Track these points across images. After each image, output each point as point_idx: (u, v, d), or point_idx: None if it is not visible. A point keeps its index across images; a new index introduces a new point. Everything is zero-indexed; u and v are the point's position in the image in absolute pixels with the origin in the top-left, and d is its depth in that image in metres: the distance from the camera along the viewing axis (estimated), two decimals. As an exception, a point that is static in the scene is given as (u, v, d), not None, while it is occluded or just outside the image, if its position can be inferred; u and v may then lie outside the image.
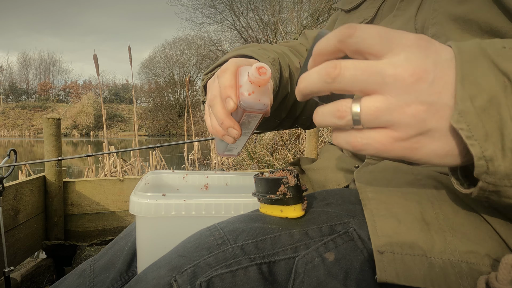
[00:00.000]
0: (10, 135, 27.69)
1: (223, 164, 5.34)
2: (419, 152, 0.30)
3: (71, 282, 0.59)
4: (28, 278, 1.52)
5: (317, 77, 0.31)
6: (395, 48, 0.29)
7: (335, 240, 0.38)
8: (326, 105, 0.33)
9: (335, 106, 0.31)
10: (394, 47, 0.29)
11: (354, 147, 0.31)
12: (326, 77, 0.30)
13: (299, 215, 0.41)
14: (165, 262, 0.40)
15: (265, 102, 0.41)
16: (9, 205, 1.45)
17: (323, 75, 0.30)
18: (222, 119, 0.43)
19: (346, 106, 0.30)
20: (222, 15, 16.75)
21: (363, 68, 0.29)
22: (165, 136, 27.70)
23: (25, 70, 40.27)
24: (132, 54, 4.52)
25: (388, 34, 0.29)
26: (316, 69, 0.31)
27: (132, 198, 0.49)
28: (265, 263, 0.37)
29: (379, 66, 0.28)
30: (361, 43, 0.29)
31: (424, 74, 0.28)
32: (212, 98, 0.45)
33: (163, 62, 31.84)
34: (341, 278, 0.35)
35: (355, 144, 0.31)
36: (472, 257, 0.33)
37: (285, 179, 0.41)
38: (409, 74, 0.28)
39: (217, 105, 0.44)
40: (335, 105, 0.31)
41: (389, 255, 0.33)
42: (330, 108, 0.32)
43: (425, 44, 0.29)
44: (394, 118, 0.29)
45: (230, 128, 0.43)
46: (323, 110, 0.33)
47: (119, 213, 1.90)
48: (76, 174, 5.66)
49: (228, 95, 0.41)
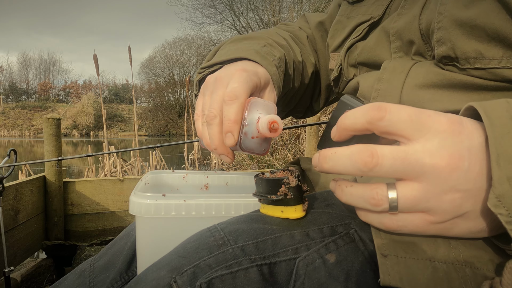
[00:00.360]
0: (10, 135, 27.69)
1: (223, 164, 5.34)
2: (453, 231, 0.31)
3: (71, 282, 0.58)
4: (28, 278, 1.52)
5: (350, 163, 0.30)
6: (427, 133, 0.29)
7: (336, 241, 0.38)
8: (356, 187, 0.31)
9: (369, 193, 0.30)
10: (426, 132, 0.29)
11: (388, 228, 0.32)
12: (363, 167, 0.29)
13: (300, 216, 0.41)
14: (165, 263, 0.39)
15: (265, 147, 0.40)
16: (9, 205, 1.45)
17: (359, 163, 0.29)
18: (216, 146, 0.43)
19: (382, 194, 0.30)
20: (222, 15, 16.76)
21: (402, 158, 0.28)
22: (165, 136, 27.70)
23: (25, 70, 40.29)
24: (132, 54, 4.52)
25: (420, 118, 0.29)
26: (348, 153, 0.30)
27: (131, 198, 0.49)
28: (265, 264, 0.36)
29: (417, 156, 0.28)
30: (392, 127, 0.29)
31: (460, 162, 0.28)
32: (212, 117, 0.43)
33: (163, 62, 31.87)
34: (342, 280, 0.35)
35: (390, 226, 0.32)
36: (476, 262, 0.33)
37: (286, 180, 0.40)
38: (446, 163, 0.28)
39: (215, 129, 0.42)
40: (369, 191, 0.30)
41: (392, 259, 0.33)
42: (363, 193, 0.31)
43: (458, 128, 0.29)
44: (431, 205, 0.29)
45: (222, 155, 0.43)
46: (352, 192, 0.32)
47: (119, 213, 1.90)
48: (76, 174, 5.66)
49: (230, 130, 0.40)
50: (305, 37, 0.73)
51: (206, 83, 0.49)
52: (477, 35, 0.39)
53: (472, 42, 0.40)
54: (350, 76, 0.60)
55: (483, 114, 0.29)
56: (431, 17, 0.45)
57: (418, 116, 0.29)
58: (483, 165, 0.28)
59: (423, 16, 0.46)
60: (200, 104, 0.49)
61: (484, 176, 0.28)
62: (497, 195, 0.27)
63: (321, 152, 0.32)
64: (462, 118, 0.30)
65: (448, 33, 0.41)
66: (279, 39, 0.64)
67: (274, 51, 0.56)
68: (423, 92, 0.44)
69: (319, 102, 0.80)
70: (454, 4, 0.41)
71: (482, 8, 0.38)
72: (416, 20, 0.47)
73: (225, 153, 0.43)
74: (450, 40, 0.41)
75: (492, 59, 0.38)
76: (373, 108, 0.30)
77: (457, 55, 0.40)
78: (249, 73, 0.46)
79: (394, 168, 0.28)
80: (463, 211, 0.29)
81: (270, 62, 0.53)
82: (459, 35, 0.40)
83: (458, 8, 0.40)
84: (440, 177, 0.28)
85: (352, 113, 0.31)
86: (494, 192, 0.27)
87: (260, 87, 0.49)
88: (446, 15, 0.41)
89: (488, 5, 0.38)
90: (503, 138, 0.27)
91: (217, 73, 0.49)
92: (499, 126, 0.28)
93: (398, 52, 0.50)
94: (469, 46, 0.39)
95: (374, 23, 0.57)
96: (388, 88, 0.47)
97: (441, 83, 0.43)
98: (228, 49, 0.56)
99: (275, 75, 0.53)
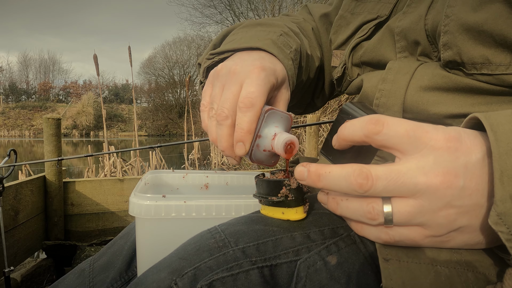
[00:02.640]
0: (10, 135, 27.69)
1: (223, 164, 5.34)
2: (450, 243, 0.31)
3: (70, 281, 0.58)
4: (28, 278, 1.52)
5: (345, 184, 0.30)
6: (423, 149, 0.29)
7: (338, 243, 0.38)
8: (352, 201, 0.32)
9: (365, 207, 0.31)
10: (422, 148, 0.29)
11: (384, 242, 0.32)
12: (358, 188, 0.30)
13: (301, 217, 0.41)
14: (165, 265, 0.39)
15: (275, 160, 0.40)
16: (9, 205, 1.44)
17: (355, 185, 0.30)
18: (224, 148, 0.41)
19: (378, 209, 0.30)
20: (222, 15, 16.77)
21: (395, 179, 0.29)
22: (165, 136, 27.70)
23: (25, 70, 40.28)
24: (132, 54, 4.52)
25: (416, 134, 0.29)
26: (343, 174, 0.30)
27: (131, 199, 0.49)
28: (266, 266, 0.36)
29: (411, 174, 0.28)
30: (388, 142, 0.29)
31: (455, 180, 0.28)
32: (223, 118, 0.41)
33: (163, 62, 31.87)
34: (344, 282, 0.35)
35: (386, 239, 0.32)
36: (478, 266, 0.33)
37: (287, 181, 0.40)
38: (440, 181, 0.28)
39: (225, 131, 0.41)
40: (365, 206, 0.31)
41: (394, 263, 0.33)
42: (359, 207, 0.32)
43: (454, 145, 0.29)
44: (426, 220, 0.29)
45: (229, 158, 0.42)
46: (349, 206, 0.33)
47: (119, 213, 1.90)
48: (76, 174, 5.65)
49: (242, 140, 0.39)
50: (310, 29, 0.69)
51: (217, 73, 0.45)
52: (484, 40, 0.38)
53: (479, 47, 0.39)
54: (354, 75, 0.59)
55: (488, 129, 0.28)
56: (437, 19, 0.44)
57: (415, 131, 0.29)
58: (480, 181, 0.28)
59: (429, 17, 0.45)
60: (208, 94, 0.46)
61: (480, 192, 0.28)
62: (498, 213, 0.26)
63: (311, 169, 0.33)
64: (461, 133, 0.30)
65: (454, 37, 0.40)
66: (293, 26, 0.60)
67: (291, 41, 0.53)
68: (428, 95, 0.43)
69: (321, 98, 0.77)
70: (461, 7, 0.40)
71: (491, 12, 0.37)
72: (421, 20, 0.46)
73: (233, 157, 0.42)
74: (456, 45, 0.40)
75: (500, 65, 0.38)
76: (371, 122, 0.30)
77: (464, 61, 0.40)
78: (267, 72, 0.43)
79: (388, 189, 0.29)
80: (458, 225, 0.30)
81: (287, 55, 0.50)
82: (466, 40, 0.39)
83: (465, 12, 0.39)
84: (434, 194, 0.28)
85: (351, 125, 0.32)
86: (495, 209, 0.27)
87: (276, 87, 0.46)
88: (453, 19, 0.40)
89: (496, 9, 0.37)
90: (507, 155, 0.27)
91: (231, 63, 0.44)
92: (504, 142, 0.27)
93: (403, 52, 0.49)
94: (476, 52, 0.39)
95: (380, 23, 0.55)
96: (392, 89, 0.46)
97: (447, 86, 0.42)
98: (242, 36, 0.52)
99: (290, 70, 0.50)
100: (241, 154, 0.40)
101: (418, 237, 0.31)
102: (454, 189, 0.28)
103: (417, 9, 0.48)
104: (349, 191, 0.30)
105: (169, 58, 31.47)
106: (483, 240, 0.31)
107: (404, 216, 0.30)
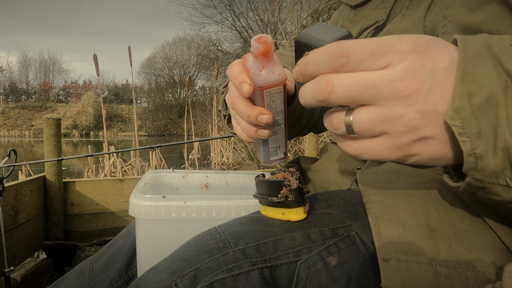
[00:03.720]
0: (10, 135, 27.68)
1: (223, 164, 5.34)
2: (414, 158, 0.30)
3: (70, 281, 0.58)
4: (28, 278, 1.52)
5: (311, 94, 0.31)
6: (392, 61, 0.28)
7: (338, 244, 0.38)
8: (326, 113, 0.33)
9: (330, 117, 0.32)
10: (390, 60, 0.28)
11: (350, 154, 0.32)
12: (319, 95, 0.30)
13: (301, 218, 0.41)
14: (165, 265, 0.39)
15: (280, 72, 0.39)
16: (9, 205, 1.44)
17: (316, 93, 0.30)
18: (247, 112, 0.41)
19: (340, 118, 0.31)
20: (222, 15, 16.78)
21: (357, 84, 0.28)
22: (165, 136, 27.70)
23: (25, 70, 40.27)
24: (132, 54, 4.51)
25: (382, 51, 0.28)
26: (309, 84, 0.31)
27: (131, 200, 0.49)
28: (266, 267, 0.36)
29: (374, 79, 0.28)
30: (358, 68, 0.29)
31: (420, 85, 0.28)
32: (232, 99, 0.43)
33: (163, 62, 31.85)
34: (344, 283, 0.35)
35: (351, 151, 0.32)
36: (477, 265, 0.33)
37: (287, 182, 0.40)
38: (405, 87, 0.27)
39: (238, 101, 0.42)
40: (330, 116, 0.32)
41: (394, 263, 0.33)
42: (328, 118, 0.32)
43: (423, 50, 0.28)
44: (387, 129, 0.29)
45: (259, 116, 0.40)
46: (325, 119, 0.33)
47: (119, 213, 1.90)
48: (76, 174, 5.65)
49: (241, 81, 0.40)
50: None
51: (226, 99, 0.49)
52: None
53: None
54: None
55: (459, 40, 0.29)
56: (436, 20, 0.44)
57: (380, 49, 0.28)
58: (445, 90, 0.28)
59: (428, 18, 0.46)
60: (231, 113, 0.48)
61: (446, 101, 0.28)
62: (454, 108, 0.27)
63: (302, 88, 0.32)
64: (429, 40, 0.29)
65: None
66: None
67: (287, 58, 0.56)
68: None
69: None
70: (459, 8, 0.40)
71: (488, 13, 0.37)
72: (421, 22, 0.46)
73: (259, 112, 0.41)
74: None
75: None
76: (335, 54, 0.29)
77: None
78: None
79: (349, 94, 0.29)
80: (421, 135, 0.29)
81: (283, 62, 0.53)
82: None
83: (463, 13, 0.39)
84: (397, 100, 0.28)
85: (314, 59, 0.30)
86: (452, 105, 0.27)
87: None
88: (451, 20, 0.41)
89: (494, 10, 0.37)
90: (472, 60, 0.27)
91: None
92: (472, 50, 0.28)
93: None
94: None
95: (379, 27, 0.56)
96: None
97: None
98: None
99: None
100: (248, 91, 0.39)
101: (380, 148, 0.30)
102: (418, 95, 0.28)
103: (416, 11, 0.48)
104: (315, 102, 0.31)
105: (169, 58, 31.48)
106: (447, 154, 0.30)
107: (364, 124, 0.29)
